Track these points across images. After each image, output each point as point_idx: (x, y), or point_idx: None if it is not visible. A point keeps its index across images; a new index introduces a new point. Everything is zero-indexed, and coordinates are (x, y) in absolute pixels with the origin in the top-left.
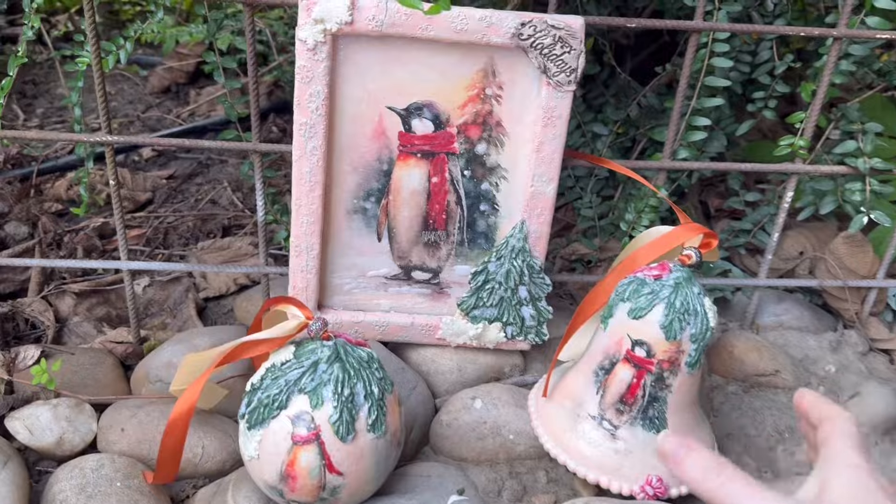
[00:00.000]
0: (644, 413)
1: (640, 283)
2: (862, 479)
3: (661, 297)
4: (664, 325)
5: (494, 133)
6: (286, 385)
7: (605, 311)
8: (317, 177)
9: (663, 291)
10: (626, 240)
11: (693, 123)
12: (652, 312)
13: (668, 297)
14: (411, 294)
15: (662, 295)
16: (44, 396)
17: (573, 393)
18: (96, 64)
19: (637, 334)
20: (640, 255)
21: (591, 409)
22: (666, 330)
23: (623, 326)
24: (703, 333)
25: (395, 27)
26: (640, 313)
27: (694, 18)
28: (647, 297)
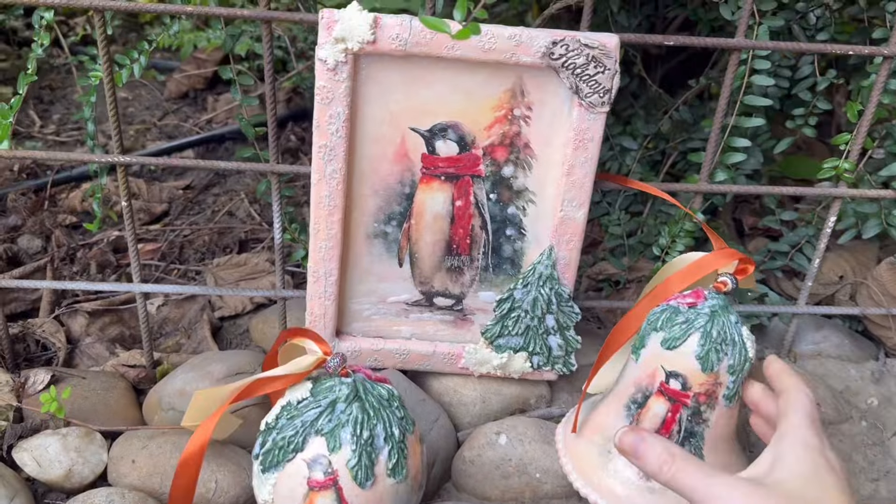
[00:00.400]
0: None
1: (673, 311)
2: (814, 458)
3: (697, 327)
4: (700, 355)
5: (522, 155)
6: (302, 426)
7: (637, 341)
8: (336, 201)
9: (698, 320)
10: (658, 264)
11: (731, 144)
12: (687, 342)
13: (704, 326)
14: (433, 321)
15: (698, 324)
16: (53, 425)
17: (603, 428)
18: (108, 83)
19: (671, 366)
20: (673, 282)
21: None
22: (702, 361)
23: (656, 357)
24: (742, 365)
25: (419, 46)
26: (675, 343)
27: (735, 35)
28: (681, 327)
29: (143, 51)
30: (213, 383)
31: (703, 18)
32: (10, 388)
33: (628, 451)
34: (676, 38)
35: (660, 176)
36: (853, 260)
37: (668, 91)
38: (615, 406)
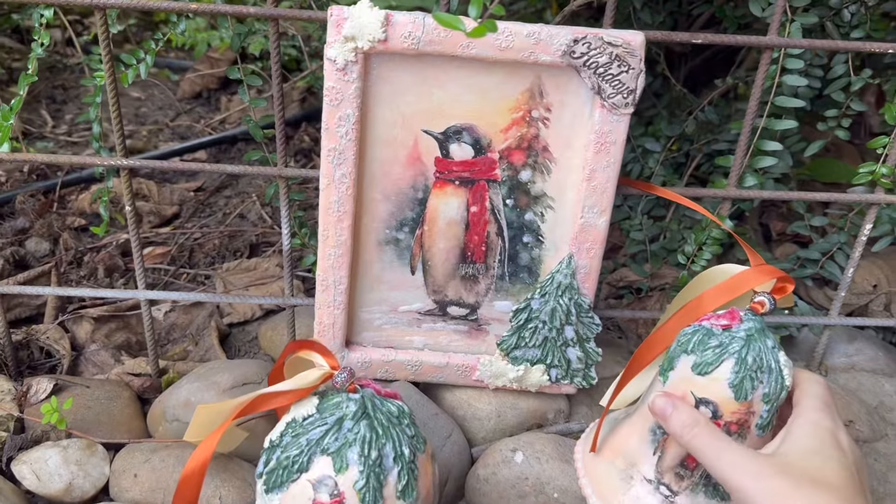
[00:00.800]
0: (708, 479)
1: (706, 333)
2: (821, 436)
3: (731, 352)
4: (734, 383)
5: (541, 159)
6: (307, 445)
7: (666, 362)
8: (346, 206)
9: (733, 345)
10: (684, 273)
11: (761, 147)
12: (720, 369)
13: (739, 351)
14: (446, 331)
15: (732, 349)
16: (54, 436)
17: (626, 452)
18: (110, 84)
19: (702, 392)
20: (707, 300)
21: (647, 472)
22: (736, 389)
23: (686, 382)
24: (778, 393)
25: (432, 45)
26: (707, 369)
27: (767, 32)
28: (714, 351)
29: (150, 50)
30: (219, 394)
31: (729, 15)
32: (13, 397)
33: (658, 412)
34: (705, 36)
35: (684, 179)
36: (887, 268)
37: (692, 90)
38: (640, 429)
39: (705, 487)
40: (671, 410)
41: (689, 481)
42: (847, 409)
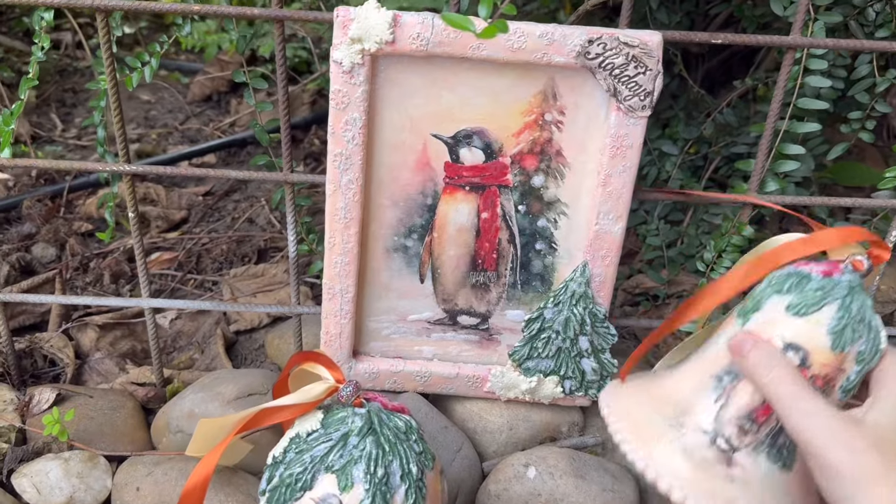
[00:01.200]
0: (774, 439)
1: (803, 277)
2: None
3: (835, 297)
4: (834, 329)
5: (554, 163)
6: (311, 461)
7: (751, 303)
8: (352, 213)
9: (837, 290)
10: (703, 281)
11: (783, 150)
12: (822, 312)
13: (844, 298)
14: (457, 341)
15: (836, 294)
16: (56, 447)
17: (676, 398)
18: (112, 88)
19: (794, 336)
20: (786, 251)
21: (704, 422)
22: (835, 337)
23: (775, 324)
24: (872, 355)
25: (441, 46)
26: (807, 310)
27: (790, 32)
28: (815, 294)
29: (155, 53)
30: (223, 405)
31: (748, 15)
32: (15, 408)
33: (735, 348)
34: (725, 36)
35: (702, 182)
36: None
37: (710, 91)
38: (700, 375)
39: (769, 449)
40: (751, 346)
41: (754, 437)
42: None
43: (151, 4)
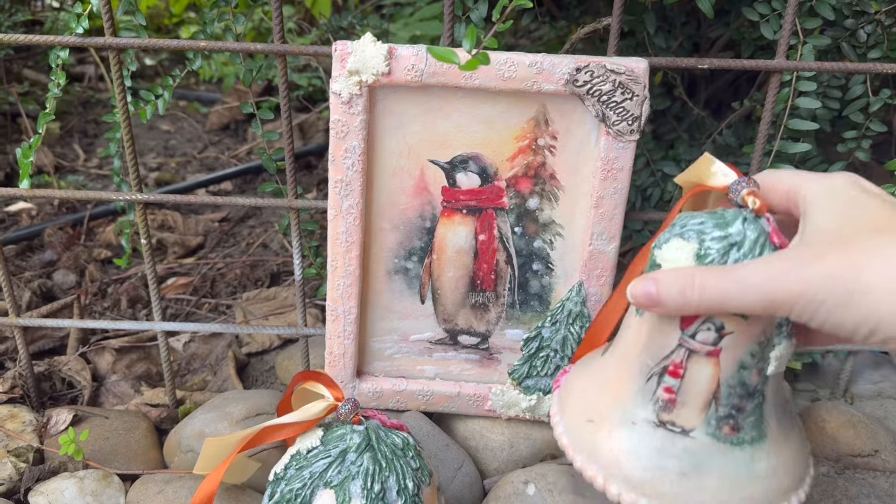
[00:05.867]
0: (723, 414)
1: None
2: (839, 193)
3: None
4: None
5: (548, 186)
6: (310, 477)
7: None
8: (353, 237)
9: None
10: None
11: None
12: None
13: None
14: (458, 360)
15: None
16: (72, 466)
17: (615, 387)
18: (124, 122)
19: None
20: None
21: (643, 409)
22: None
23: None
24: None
25: (436, 76)
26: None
27: (776, 56)
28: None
29: (168, 86)
30: (232, 425)
31: (746, 38)
32: (33, 428)
33: (642, 297)
34: (711, 61)
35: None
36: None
37: (716, 113)
38: (626, 360)
39: (718, 424)
40: (655, 284)
41: (697, 411)
42: (873, 438)
43: (160, 42)
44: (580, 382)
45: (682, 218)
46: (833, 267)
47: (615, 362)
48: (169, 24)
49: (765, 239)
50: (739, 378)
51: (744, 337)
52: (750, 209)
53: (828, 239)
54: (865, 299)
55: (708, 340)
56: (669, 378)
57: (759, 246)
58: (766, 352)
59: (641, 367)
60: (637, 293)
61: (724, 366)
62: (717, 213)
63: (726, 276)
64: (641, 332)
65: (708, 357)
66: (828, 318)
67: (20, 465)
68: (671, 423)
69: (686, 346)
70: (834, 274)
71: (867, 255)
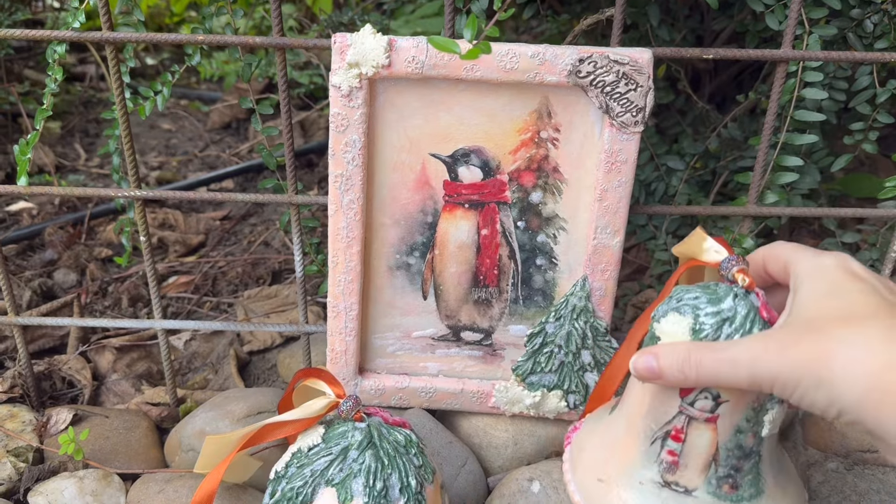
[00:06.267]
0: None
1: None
2: (825, 275)
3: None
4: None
5: (551, 180)
6: (312, 475)
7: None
8: (354, 232)
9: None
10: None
11: (782, 163)
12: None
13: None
14: (461, 356)
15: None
16: (72, 466)
17: (621, 448)
18: (122, 117)
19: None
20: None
21: (648, 470)
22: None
23: None
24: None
25: (437, 68)
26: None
27: (781, 45)
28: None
29: (167, 82)
30: (233, 423)
31: (751, 30)
32: (33, 428)
33: (643, 371)
34: (716, 52)
35: (710, 197)
36: None
37: (721, 107)
38: (630, 420)
39: (718, 483)
40: (656, 360)
41: (699, 472)
42: None
43: (157, 36)
44: (590, 440)
45: (678, 291)
46: (805, 354)
47: (622, 424)
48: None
49: (755, 314)
50: (736, 441)
51: (739, 404)
52: (740, 285)
53: (807, 324)
54: (830, 387)
55: (706, 408)
56: (672, 442)
57: (749, 321)
58: (760, 416)
59: (646, 431)
60: (639, 367)
61: (721, 430)
62: (711, 289)
63: (719, 355)
64: (645, 397)
65: (707, 423)
66: (802, 398)
67: (20, 465)
68: (675, 484)
69: (686, 412)
70: (806, 361)
71: (835, 343)
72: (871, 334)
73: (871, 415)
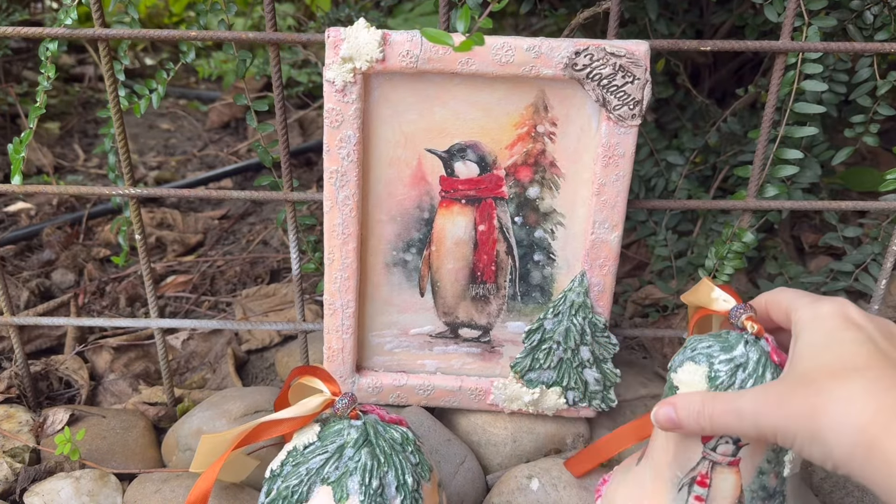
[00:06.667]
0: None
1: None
2: (822, 325)
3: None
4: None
5: (548, 174)
6: (307, 474)
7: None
8: (350, 229)
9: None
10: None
11: (781, 156)
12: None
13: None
14: (459, 353)
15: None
16: (68, 466)
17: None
18: (116, 115)
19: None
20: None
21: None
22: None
23: None
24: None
25: (431, 62)
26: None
27: (780, 37)
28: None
29: (162, 80)
30: (230, 422)
31: (750, 23)
32: (30, 428)
33: (664, 422)
34: (713, 43)
35: (710, 192)
36: None
37: (720, 102)
38: (657, 470)
39: None
40: (675, 410)
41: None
42: None
43: (150, 32)
44: (620, 492)
45: (691, 341)
46: (799, 409)
47: (650, 474)
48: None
49: (766, 359)
50: (760, 482)
51: (758, 446)
52: (750, 333)
53: (802, 377)
54: (822, 441)
55: (728, 452)
56: (698, 487)
57: (761, 366)
58: (780, 456)
59: (672, 478)
60: (660, 418)
61: (744, 473)
62: (722, 337)
63: (727, 406)
64: (669, 446)
65: (730, 466)
66: (801, 451)
67: (16, 466)
68: None
69: (709, 458)
70: (800, 415)
71: (825, 398)
72: (858, 387)
73: (859, 470)
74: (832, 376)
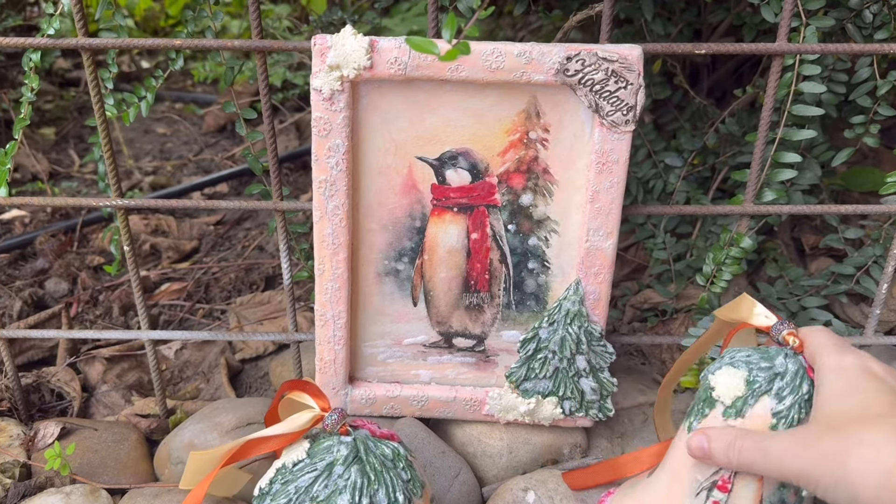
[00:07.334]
0: None
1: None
2: (846, 374)
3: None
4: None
5: (541, 181)
6: (296, 493)
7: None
8: (340, 239)
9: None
10: (703, 296)
11: (780, 160)
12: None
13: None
14: (453, 363)
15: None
16: (59, 481)
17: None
18: (101, 124)
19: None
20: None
21: None
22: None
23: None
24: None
25: (420, 69)
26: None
27: (777, 39)
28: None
29: (150, 87)
30: (222, 435)
31: (747, 22)
32: (21, 443)
33: (697, 451)
34: (708, 46)
35: (709, 194)
36: None
37: (719, 102)
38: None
39: None
40: (708, 441)
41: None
42: None
43: (134, 41)
44: (629, 500)
45: (729, 352)
46: (824, 452)
47: (664, 480)
48: (165, 27)
49: (803, 372)
50: (780, 496)
51: None
52: (790, 347)
53: (826, 422)
54: (848, 485)
55: None
56: (718, 492)
57: (798, 378)
58: None
59: (691, 483)
60: (693, 446)
61: (767, 484)
62: (762, 349)
63: (757, 444)
64: None
65: (754, 474)
66: (824, 494)
67: (6, 481)
68: None
69: None
70: (825, 459)
71: (850, 443)
72: (884, 433)
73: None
74: (858, 422)
